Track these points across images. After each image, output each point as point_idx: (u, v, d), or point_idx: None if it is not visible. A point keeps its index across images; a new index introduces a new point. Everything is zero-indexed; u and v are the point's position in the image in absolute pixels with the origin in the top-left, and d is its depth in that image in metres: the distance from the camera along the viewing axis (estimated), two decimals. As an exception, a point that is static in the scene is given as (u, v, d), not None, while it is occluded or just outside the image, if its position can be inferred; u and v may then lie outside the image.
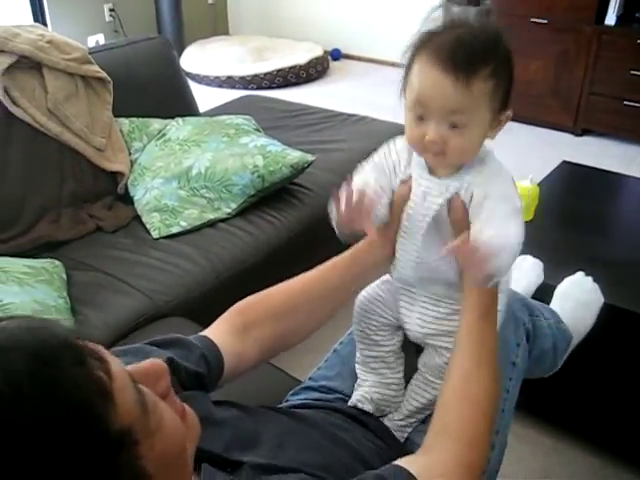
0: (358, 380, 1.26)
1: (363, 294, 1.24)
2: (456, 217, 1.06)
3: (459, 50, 0.96)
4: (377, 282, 1.23)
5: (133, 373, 0.65)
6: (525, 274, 1.76)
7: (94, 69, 2.41)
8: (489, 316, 1.05)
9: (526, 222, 2.17)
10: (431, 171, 1.08)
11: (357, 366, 1.27)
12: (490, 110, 1.00)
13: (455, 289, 1.11)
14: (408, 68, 1.04)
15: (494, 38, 1.00)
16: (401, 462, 0.89)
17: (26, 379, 0.53)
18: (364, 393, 1.22)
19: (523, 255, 1.81)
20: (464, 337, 1.04)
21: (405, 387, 1.24)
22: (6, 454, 0.51)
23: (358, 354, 1.26)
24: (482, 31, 1.00)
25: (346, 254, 1.19)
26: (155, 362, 0.71)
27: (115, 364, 0.61)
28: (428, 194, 1.07)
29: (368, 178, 1.11)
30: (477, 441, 0.96)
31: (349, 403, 1.23)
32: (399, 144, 1.13)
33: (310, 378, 1.35)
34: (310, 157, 2.32)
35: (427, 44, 1.01)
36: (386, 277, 1.22)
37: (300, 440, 0.99)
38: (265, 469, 0.86)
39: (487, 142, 1.06)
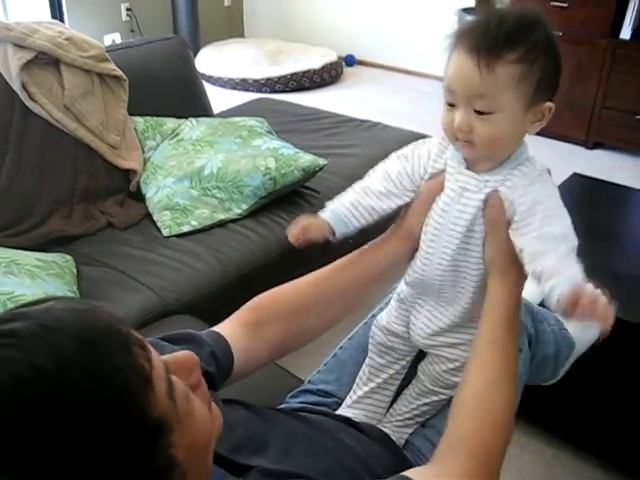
0: (354, 386, 1.26)
1: (380, 324, 1.23)
2: (492, 215, 1.03)
3: (484, 33, 0.95)
4: (392, 304, 1.22)
5: (168, 363, 0.66)
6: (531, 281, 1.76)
7: (111, 67, 2.44)
8: (512, 327, 1.03)
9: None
10: (469, 166, 1.05)
11: (363, 368, 1.27)
12: (520, 98, 0.96)
13: (469, 296, 1.09)
14: (448, 58, 1.02)
15: (529, 21, 0.97)
16: (409, 473, 0.86)
17: (71, 361, 0.55)
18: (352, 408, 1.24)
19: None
20: (486, 347, 1.01)
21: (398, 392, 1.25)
22: (47, 432, 0.52)
23: (367, 361, 1.26)
24: (514, 14, 0.97)
25: (367, 247, 1.17)
26: (188, 354, 0.72)
27: (154, 353, 0.63)
28: (466, 190, 1.04)
29: (392, 167, 1.12)
30: (491, 459, 0.93)
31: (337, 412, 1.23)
32: (432, 140, 1.12)
33: (309, 381, 1.35)
34: (322, 161, 2.33)
35: (462, 31, 1.00)
36: (398, 291, 1.21)
37: (306, 444, 0.99)
38: (273, 475, 0.86)
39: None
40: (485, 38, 0.94)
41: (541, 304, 1.48)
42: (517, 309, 1.04)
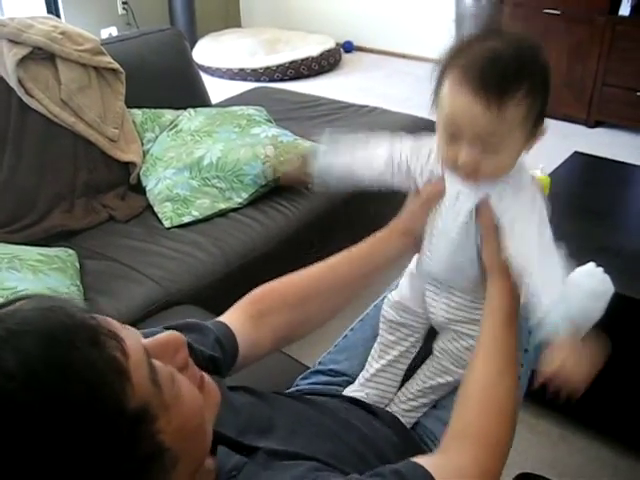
0: (366, 365, 1.27)
1: (393, 300, 1.25)
2: (484, 222, 1.06)
3: (490, 69, 0.92)
4: (404, 282, 1.24)
5: (151, 347, 0.66)
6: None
7: (107, 60, 2.43)
8: (512, 322, 1.05)
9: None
10: None
11: (375, 345, 1.28)
12: (525, 131, 0.97)
13: (481, 285, 1.11)
14: (439, 83, 1.00)
15: (530, 53, 0.96)
16: (417, 459, 0.87)
17: (40, 362, 0.54)
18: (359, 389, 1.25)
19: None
20: (489, 342, 1.04)
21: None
22: (22, 436, 0.52)
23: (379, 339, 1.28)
24: (516, 45, 0.95)
25: (365, 244, 1.20)
26: (172, 334, 0.72)
27: (130, 340, 0.62)
28: (461, 193, 1.07)
29: (398, 153, 1.15)
30: (496, 447, 0.94)
31: (344, 392, 1.25)
32: (433, 141, 1.11)
33: (319, 362, 1.37)
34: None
35: (457, 58, 0.97)
36: (409, 270, 1.23)
37: (313, 427, 0.99)
38: (280, 455, 0.87)
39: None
40: (493, 77, 0.92)
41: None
42: (516, 308, 1.07)
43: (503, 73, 0.92)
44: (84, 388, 0.55)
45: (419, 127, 2.79)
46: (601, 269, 1.69)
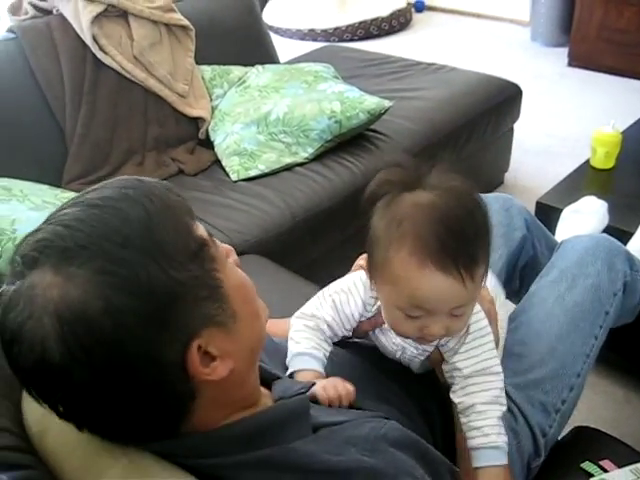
0: None
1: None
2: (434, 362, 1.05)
3: (451, 239, 0.84)
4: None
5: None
6: (594, 215, 1.74)
7: (177, 17, 2.47)
8: None
9: (606, 170, 2.13)
10: None
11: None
12: (482, 283, 0.92)
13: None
14: (379, 253, 0.89)
15: (476, 212, 0.88)
16: None
17: (130, 188, 0.72)
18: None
19: (588, 197, 1.79)
20: None
21: None
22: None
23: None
24: (464, 207, 0.87)
25: None
26: (225, 245, 0.82)
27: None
28: (406, 349, 1.04)
29: (325, 317, 1.04)
30: None
31: None
32: (357, 295, 1.03)
33: None
34: (387, 103, 2.31)
35: (397, 225, 0.87)
36: None
37: (357, 372, 1.04)
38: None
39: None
40: (458, 248, 0.84)
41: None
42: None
43: (465, 240, 0.85)
44: (163, 205, 0.72)
45: (490, 85, 2.74)
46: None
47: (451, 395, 1.01)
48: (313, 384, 0.91)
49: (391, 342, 1.04)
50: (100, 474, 0.74)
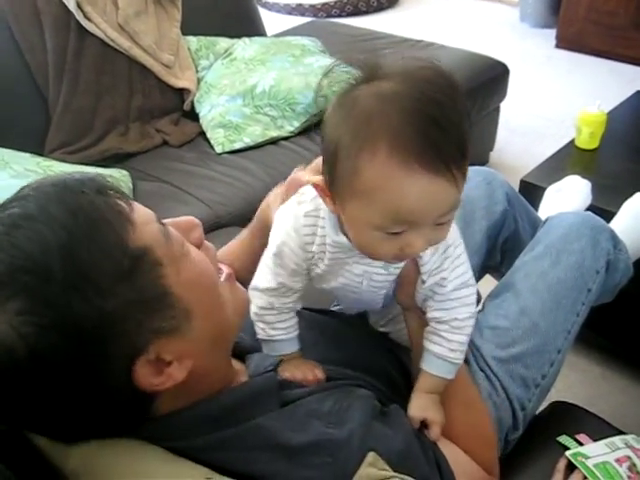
0: None
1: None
2: (405, 279, 0.93)
3: (442, 139, 0.70)
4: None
5: (166, 222, 0.75)
6: (577, 194, 1.74)
7: (163, -15, 2.44)
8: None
9: (591, 150, 2.13)
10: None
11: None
12: None
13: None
14: (345, 165, 0.74)
15: (456, 91, 0.75)
16: None
17: (53, 203, 0.65)
18: None
19: (572, 176, 1.80)
20: None
21: None
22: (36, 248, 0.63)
23: None
24: (441, 90, 0.72)
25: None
26: (189, 217, 0.80)
27: (138, 206, 0.72)
28: (373, 275, 0.90)
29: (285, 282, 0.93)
30: None
31: None
32: (291, 237, 0.89)
33: None
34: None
35: (371, 129, 0.71)
36: None
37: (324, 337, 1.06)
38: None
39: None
40: (447, 144, 0.70)
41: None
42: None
43: (452, 130, 0.71)
44: (89, 222, 0.65)
45: (477, 64, 2.73)
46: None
47: (428, 313, 0.93)
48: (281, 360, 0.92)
49: (353, 274, 0.90)
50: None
